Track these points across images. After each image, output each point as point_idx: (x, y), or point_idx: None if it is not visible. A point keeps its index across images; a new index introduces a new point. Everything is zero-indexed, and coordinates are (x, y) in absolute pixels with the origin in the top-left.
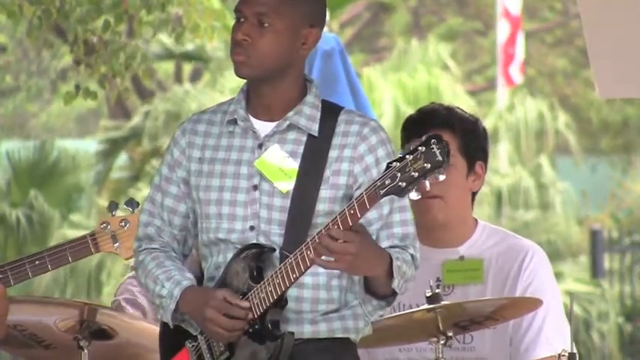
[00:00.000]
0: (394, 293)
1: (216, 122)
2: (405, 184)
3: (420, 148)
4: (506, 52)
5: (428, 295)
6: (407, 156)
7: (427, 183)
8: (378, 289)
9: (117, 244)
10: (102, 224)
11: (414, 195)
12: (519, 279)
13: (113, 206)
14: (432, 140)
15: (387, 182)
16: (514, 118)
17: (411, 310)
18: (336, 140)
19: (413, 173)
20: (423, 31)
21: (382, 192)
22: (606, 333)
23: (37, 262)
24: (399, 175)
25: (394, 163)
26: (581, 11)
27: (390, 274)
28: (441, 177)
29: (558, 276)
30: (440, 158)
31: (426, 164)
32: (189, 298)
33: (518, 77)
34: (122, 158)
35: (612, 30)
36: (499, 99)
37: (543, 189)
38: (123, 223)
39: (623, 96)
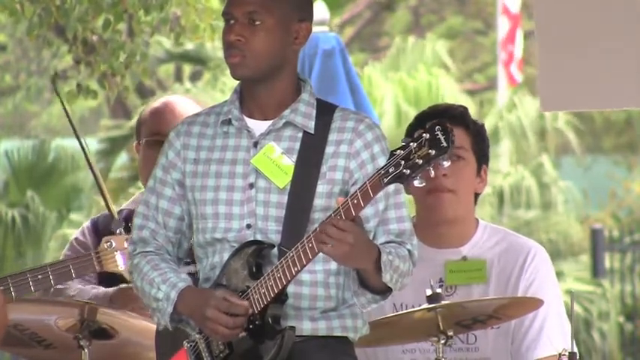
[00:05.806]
0: (389, 288)
1: (210, 124)
2: (409, 171)
3: (424, 135)
4: (505, 51)
5: (428, 294)
6: (411, 143)
7: (431, 170)
8: (371, 282)
9: (121, 264)
10: (106, 242)
11: (417, 182)
12: (521, 278)
13: (117, 225)
14: (437, 127)
15: (390, 170)
16: (515, 118)
17: (411, 310)
18: (332, 137)
19: (417, 160)
20: (424, 30)
21: (386, 180)
22: (607, 332)
23: (39, 277)
24: (402, 162)
25: (398, 151)
26: (535, 26)
27: (379, 268)
28: (446, 163)
29: (559, 275)
30: (444, 144)
31: (430, 151)
32: (188, 299)
33: (518, 76)
34: (122, 157)
35: (562, 45)
36: (499, 98)
37: (545, 188)
38: (127, 243)
39: (566, 109)
